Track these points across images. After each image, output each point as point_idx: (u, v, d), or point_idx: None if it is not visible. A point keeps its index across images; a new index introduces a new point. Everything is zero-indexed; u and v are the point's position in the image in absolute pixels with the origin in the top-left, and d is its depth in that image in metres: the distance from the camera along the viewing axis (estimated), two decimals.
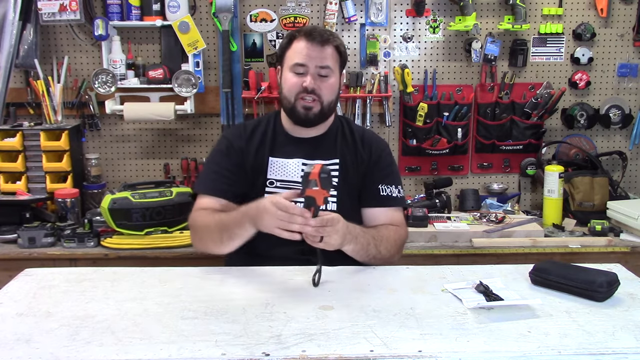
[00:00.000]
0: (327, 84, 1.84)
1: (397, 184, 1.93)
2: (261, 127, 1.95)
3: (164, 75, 2.79)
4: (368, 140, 1.95)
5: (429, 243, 2.51)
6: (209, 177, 1.90)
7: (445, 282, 1.61)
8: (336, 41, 1.86)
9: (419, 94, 2.95)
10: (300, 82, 1.82)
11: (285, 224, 1.52)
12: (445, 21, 2.91)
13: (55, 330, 1.34)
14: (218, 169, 1.89)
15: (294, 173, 1.87)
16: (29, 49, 2.79)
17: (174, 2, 2.75)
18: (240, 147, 1.91)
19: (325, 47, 1.82)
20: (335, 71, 1.86)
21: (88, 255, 2.43)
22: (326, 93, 1.84)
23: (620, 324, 1.37)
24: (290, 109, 1.86)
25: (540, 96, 2.91)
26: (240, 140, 1.92)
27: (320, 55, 1.82)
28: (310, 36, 1.82)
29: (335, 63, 1.85)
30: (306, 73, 1.82)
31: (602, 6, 2.89)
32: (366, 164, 1.91)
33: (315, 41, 1.81)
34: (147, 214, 2.47)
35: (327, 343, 1.27)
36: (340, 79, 1.92)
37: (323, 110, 1.85)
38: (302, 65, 1.82)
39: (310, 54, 1.81)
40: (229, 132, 2.02)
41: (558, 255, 2.46)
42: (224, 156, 1.91)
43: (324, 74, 1.83)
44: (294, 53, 1.83)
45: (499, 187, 3.01)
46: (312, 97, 1.82)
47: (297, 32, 1.87)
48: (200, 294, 1.55)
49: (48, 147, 2.70)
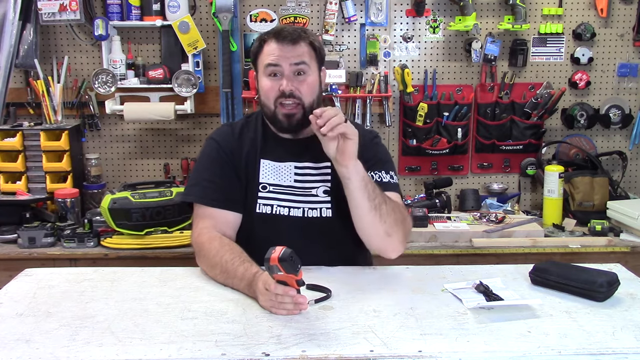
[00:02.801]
0: (306, 84, 1.74)
1: (387, 170, 1.82)
2: (250, 127, 1.87)
3: (164, 75, 2.79)
4: None
5: (429, 243, 2.51)
6: (202, 185, 1.81)
7: (445, 282, 1.61)
8: (309, 37, 1.77)
9: (419, 94, 2.95)
10: (277, 85, 1.73)
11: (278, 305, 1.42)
12: (445, 21, 2.91)
13: (55, 330, 1.34)
14: (211, 176, 1.80)
15: (287, 177, 1.81)
16: (29, 49, 2.79)
17: (174, 2, 2.75)
18: (231, 149, 1.82)
19: (297, 45, 1.73)
20: (312, 68, 1.76)
21: (88, 255, 2.43)
22: (306, 93, 1.74)
23: (620, 324, 1.37)
24: (271, 117, 1.78)
25: (540, 96, 2.91)
26: (230, 141, 1.84)
27: (293, 54, 1.72)
28: (280, 36, 1.74)
29: (311, 59, 1.76)
30: (281, 75, 1.73)
31: (602, 6, 2.89)
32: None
33: (286, 40, 1.73)
34: (147, 214, 2.46)
35: (327, 343, 1.27)
36: (321, 76, 1.82)
37: (306, 114, 1.72)
38: (275, 66, 1.72)
39: (282, 54, 1.72)
40: (216, 134, 1.90)
41: (558, 255, 2.46)
42: (215, 161, 1.82)
43: (300, 71, 1.73)
44: (266, 56, 1.74)
45: (499, 187, 3.01)
46: (293, 102, 1.73)
47: (265, 34, 1.78)
48: (200, 294, 1.55)
49: (48, 147, 2.70)
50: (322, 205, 1.81)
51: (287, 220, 1.79)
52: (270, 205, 1.80)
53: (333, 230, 1.80)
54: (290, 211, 1.79)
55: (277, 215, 1.79)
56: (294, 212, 1.79)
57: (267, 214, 1.79)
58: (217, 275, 1.64)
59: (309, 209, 1.80)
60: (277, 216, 1.79)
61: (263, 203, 1.80)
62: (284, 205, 1.80)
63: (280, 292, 1.39)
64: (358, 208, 1.66)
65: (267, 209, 1.80)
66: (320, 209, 1.81)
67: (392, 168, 1.87)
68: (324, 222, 1.80)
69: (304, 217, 1.79)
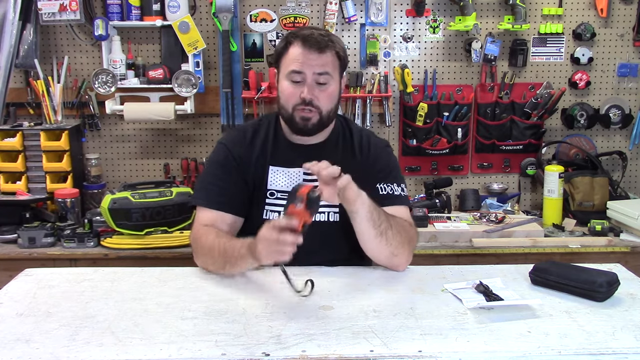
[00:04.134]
0: (326, 93, 1.75)
1: (398, 183, 1.84)
2: (261, 132, 1.87)
3: (164, 75, 2.79)
4: (366, 142, 1.88)
5: (429, 243, 2.51)
6: (207, 189, 1.82)
7: (445, 282, 1.61)
8: (335, 46, 1.76)
9: (419, 94, 2.95)
10: (298, 92, 1.73)
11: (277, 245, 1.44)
12: (445, 21, 2.91)
13: (55, 330, 1.34)
14: (216, 180, 1.81)
15: (295, 183, 1.80)
16: (29, 49, 2.79)
17: (174, 2, 2.75)
18: (240, 155, 1.83)
19: (323, 54, 1.72)
20: (334, 77, 1.76)
21: (88, 255, 2.43)
22: (325, 103, 1.75)
23: (620, 324, 1.37)
24: (288, 119, 1.78)
25: (540, 96, 2.91)
26: (240, 147, 1.84)
27: (318, 62, 1.72)
28: (308, 42, 1.72)
29: (334, 69, 1.76)
30: (303, 81, 1.73)
31: (602, 6, 2.89)
32: (364, 167, 1.83)
33: (312, 47, 1.71)
34: (147, 214, 2.46)
35: (327, 343, 1.27)
36: (341, 84, 1.83)
37: (322, 120, 1.76)
38: (298, 73, 1.72)
39: (307, 62, 1.71)
40: (227, 139, 1.90)
41: (558, 255, 2.45)
42: (222, 167, 1.83)
43: (323, 82, 1.74)
44: (290, 60, 1.74)
45: (499, 187, 3.01)
46: (310, 109, 1.74)
47: (293, 36, 1.76)
48: (200, 294, 1.55)
49: (48, 147, 2.70)
50: (329, 209, 1.81)
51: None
52: (278, 212, 1.80)
53: (340, 234, 1.80)
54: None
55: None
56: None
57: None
58: (216, 261, 1.66)
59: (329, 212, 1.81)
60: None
61: (270, 210, 1.81)
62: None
63: (284, 224, 1.43)
64: (364, 235, 1.68)
65: (274, 215, 1.80)
66: (327, 212, 1.82)
67: (402, 180, 1.89)
68: (331, 226, 1.80)
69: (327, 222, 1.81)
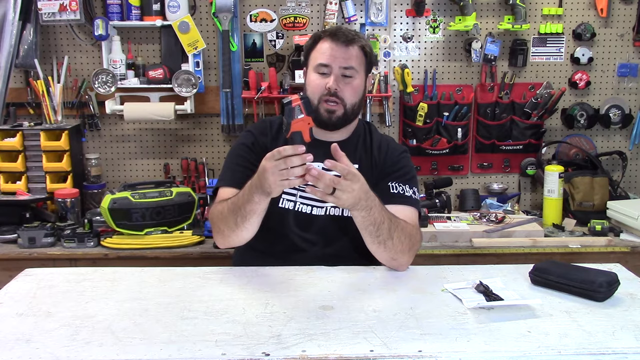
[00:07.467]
0: (351, 87, 1.81)
1: (411, 185, 1.87)
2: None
3: (164, 75, 2.79)
4: (385, 146, 1.93)
5: (429, 243, 2.51)
6: (232, 169, 1.87)
7: (445, 282, 1.61)
8: (361, 42, 1.84)
9: (419, 94, 2.95)
10: (324, 83, 1.80)
11: (285, 172, 1.49)
12: (445, 21, 2.91)
13: (55, 330, 1.34)
14: (241, 161, 1.86)
15: None
16: (29, 49, 2.79)
17: (174, 2, 2.75)
18: (265, 144, 1.87)
19: (349, 48, 1.81)
20: (360, 72, 1.83)
21: (88, 255, 2.43)
22: (349, 95, 1.81)
23: (620, 324, 1.37)
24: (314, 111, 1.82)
25: (540, 96, 2.91)
26: (265, 137, 1.90)
27: (345, 56, 1.80)
28: (335, 36, 1.81)
29: (360, 64, 1.83)
30: (330, 74, 1.80)
31: (602, 6, 2.89)
32: (380, 168, 1.89)
33: (339, 41, 1.80)
34: (147, 214, 2.47)
35: (327, 343, 1.27)
36: (367, 81, 1.90)
37: (346, 114, 1.82)
38: (325, 66, 1.80)
39: (334, 54, 1.80)
40: (255, 127, 1.98)
41: (558, 255, 2.46)
42: (248, 149, 1.87)
43: (348, 75, 1.81)
44: (318, 53, 1.83)
45: (499, 187, 3.01)
46: (336, 100, 1.80)
47: (322, 32, 1.87)
48: (200, 294, 1.55)
49: (48, 147, 2.70)
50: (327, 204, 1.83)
51: (308, 217, 1.84)
52: (294, 202, 1.84)
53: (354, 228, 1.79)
54: (313, 210, 1.85)
55: (298, 212, 1.84)
56: (317, 211, 1.85)
57: (288, 209, 1.84)
58: (228, 221, 1.69)
59: (331, 207, 1.84)
60: (298, 213, 1.84)
61: (287, 198, 1.84)
62: (306, 204, 1.84)
63: (291, 151, 1.48)
64: (363, 237, 1.71)
65: (289, 204, 1.84)
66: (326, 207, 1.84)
67: (416, 185, 1.91)
68: (347, 220, 1.80)
69: (326, 215, 1.84)
